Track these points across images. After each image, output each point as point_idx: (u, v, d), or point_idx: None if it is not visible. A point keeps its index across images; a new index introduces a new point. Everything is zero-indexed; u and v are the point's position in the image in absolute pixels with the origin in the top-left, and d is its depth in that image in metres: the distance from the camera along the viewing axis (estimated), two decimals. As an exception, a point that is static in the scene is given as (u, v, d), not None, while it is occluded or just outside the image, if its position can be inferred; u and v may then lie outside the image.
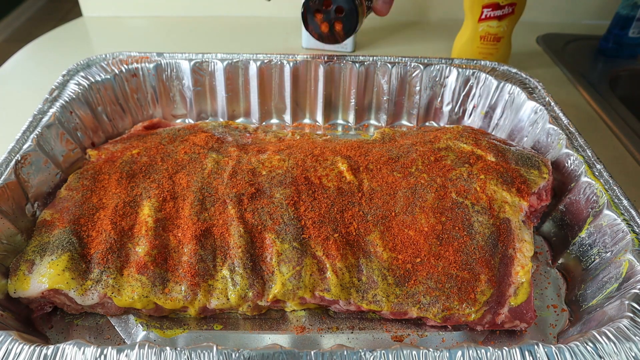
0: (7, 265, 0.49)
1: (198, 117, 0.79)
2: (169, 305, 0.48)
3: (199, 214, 0.53)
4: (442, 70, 0.75)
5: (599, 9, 1.19)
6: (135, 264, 0.49)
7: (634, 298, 0.42)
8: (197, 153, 0.62)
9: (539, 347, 0.38)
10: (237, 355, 0.38)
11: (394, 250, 0.51)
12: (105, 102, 0.70)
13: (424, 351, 0.38)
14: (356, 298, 0.49)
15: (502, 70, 0.74)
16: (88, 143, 0.67)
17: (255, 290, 0.48)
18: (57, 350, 0.37)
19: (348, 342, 0.49)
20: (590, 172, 0.55)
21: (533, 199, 0.55)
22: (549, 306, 0.53)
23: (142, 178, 0.58)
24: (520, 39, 1.05)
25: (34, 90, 0.87)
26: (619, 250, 0.48)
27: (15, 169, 0.53)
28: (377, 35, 1.12)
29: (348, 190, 0.56)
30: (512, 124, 0.70)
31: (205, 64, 0.75)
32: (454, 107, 0.77)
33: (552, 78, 0.97)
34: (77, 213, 0.53)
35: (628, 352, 0.38)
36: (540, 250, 0.59)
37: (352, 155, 0.61)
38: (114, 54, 0.74)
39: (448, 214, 0.53)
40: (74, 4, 1.23)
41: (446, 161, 0.58)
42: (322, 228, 0.52)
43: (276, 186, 0.56)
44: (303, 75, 0.76)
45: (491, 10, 0.87)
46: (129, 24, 1.15)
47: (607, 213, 0.50)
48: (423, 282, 0.49)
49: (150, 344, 0.38)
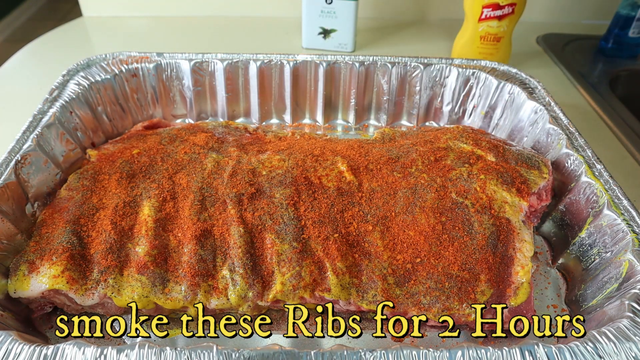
0: (7, 265, 0.49)
1: (198, 117, 0.79)
2: (169, 305, 0.48)
3: (199, 214, 0.53)
4: (442, 70, 0.75)
5: (599, 9, 1.19)
6: (135, 264, 0.49)
7: (634, 298, 0.42)
8: (197, 153, 0.62)
9: (539, 347, 0.38)
10: (237, 355, 0.38)
11: (394, 250, 0.51)
12: (105, 102, 0.70)
13: (424, 351, 0.38)
14: (356, 298, 0.49)
15: (502, 70, 0.74)
16: (88, 143, 0.67)
17: (255, 290, 0.48)
18: (57, 350, 0.37)
19: (348, 342, 0.49)
20: (590, 172, 0.55)
21: (533, 199, 0.55)
22: (549, 306, 0.53)
23: (142, 178, 0.58)
24: (520, 39, 1.05)
25: (34, 90, 0.87)
26: (619, 250, 0.48)
27: (15, 169, 0.53)
28: (377, 35, 1.12)
29: (348, 190, 0.56)
30: (512, 124, 0.70)
31: (205, 64, 0.75)
32: (454, 107, 0.77)
33: (552, 78, 0.97)
34: (77, 213, 0.53)
35: (628, 352, 0.38)
36: (540, 250, 0.59)
37: (352, 155, 0.61)
38: (114, 54, 0.74)
39: (448, 214, 0.53)
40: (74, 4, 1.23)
41: (446, 161, 0.58)
42: (322, 228, 0.52)
43: (276, 186, 0.56)
44: (303, 75, 0.76)
45: (491, 10, 0.88)
46: (129, 24, 1.15)
47: (607, 213, 0.50)
48: (423, 282, 0.49)
49: (150, 344, 0.38)
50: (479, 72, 0.73)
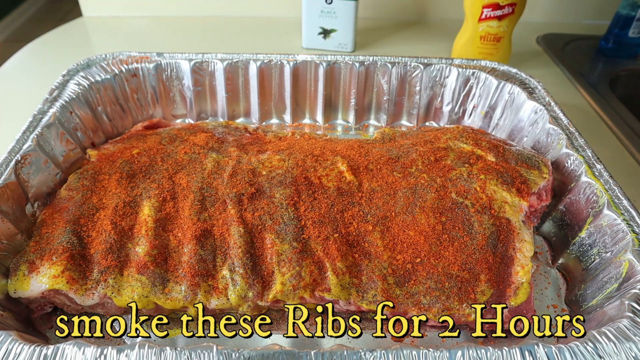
0: (7, 265, 0.49)
1: (198, 117, 0.79)
2: (169, 305, 0.48)
3: (199, 214, 0.53)
4: (442, 70, 0.75)
5: (599, 9, 1.19)
6: (135, 264, 0.49)
7: (634, 298, 0.42)
8: (197, 153, 0.62)
9: (539, 347, 0.38)
10: (237, 355, 0.38)
11: (394, 250, 0.51)
12: (105, 102, 0.70)
13: (424, 351, 0.38)
14: (356, 298, 0.49)
15: (502, 70, 0.74)
16: (88, 143, 0.67)
17: (255, 290, 0.48)
18: (57, 350, 0.37)
19: (348, 342, 0.49)
20: (590, 172, 0.55)
21: (533, 199, 0.55)
22: (549, 306, 0.53)
23: (142, 178, 0.58)
24: (520, 39, 1.05)
25: (34, 90, 0.87)
26: (619, 250, 0.48)
27: (15, 169, 0.53)
28: (377, 35, 1.12)
29: (348, 190, 0.56)
30: (512, 124, 0.70)
31: (205, 64, 0.75)
32: (454, 107, 0.77)
33: (552, 78, 0.97)
34: (77, 213, 0.53)
35: (628, 352, 0.38)
36: (540, 250, 0.59)
37: (352, 155, 0.61)
38: (114, 54, 0.74)
39: (448, 214, 0.53)
40: (74, 4, 1.23)
41: (446, 161, 0.58)
42: (322, 228, 0.52)
43: (276, 186, 0.56)
44: (303, 75, 0.76)
45: (491, 10, 0.88)
46: (129, 24, 1.15)
47: (607, 213, 0.50)
48: (423, 282, 0.49)
49: (150, 344, 0.38)
50: (479, 72, 0.73)
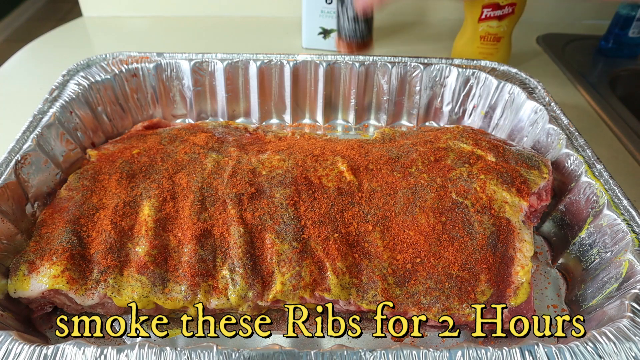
0: (7, 265, 0.49)
1: (198, 117, 0.79)
2: (169, 305, 0.48)
3: (199, 214, 0.53)
4: (442, 70, 0.75)
5: (599, 9, 1.19)
6: (135, 264, 0.49)
7: (634, 298, 0.42)
8: (197, 153, 0.62)
9: (539, 347, 0.38)
10: (237, 355, 0.38)
11: (394, 250, 0.51)
12: (105, 102, 0.70)
13: (424, 351, 0.38)
14: (356, 298, 0.49)
15: (502, 70, 0.74)
16: (88, 143, 0.67)
17: (255, 290, 0.48)
18: (57, 350, 0.37)
19: (348, 342, 0.49)
20: (590, 172, 0.55)
21: (533, 199, 0.55)
22: (549, 306, 0.53)
23: (142, 178, 0.58)
24: (520, 39, 1.05)
25: (34, 90, 0.87)
26: (619, 250, 0.48)
27: (15, 169, 0.53)
28: (377, 35, 1.11)
29: (348, 190, 0.56)
30: (512, 124, 0.70)
31: (205, 64, 0.75)
32: (454, 107, 0.77)
33: (552, 78, 0.97)
34: (77, 213, 0.53)
35: (628, 352, 0.38)
36: (540, 250, 0.59)
37: (352, 155, 0.61)
38: (114, 54, 0.74)
39: (448, 214, 0.53)
40: (74, 4, 1.23)
41: (446, 161, 0.58)
42: (322, 228, 0.52)
43: (276, 186, 0.56)
44: (303, 75, 0.76)
45: (491, 10, 0.87)
46: (129, 24, 1.15)
47: (607, 213, 0.50)
48: (423, 282, 0.49)
49: (150, 344, 0.38)
50: (479, 72, 0.73)
